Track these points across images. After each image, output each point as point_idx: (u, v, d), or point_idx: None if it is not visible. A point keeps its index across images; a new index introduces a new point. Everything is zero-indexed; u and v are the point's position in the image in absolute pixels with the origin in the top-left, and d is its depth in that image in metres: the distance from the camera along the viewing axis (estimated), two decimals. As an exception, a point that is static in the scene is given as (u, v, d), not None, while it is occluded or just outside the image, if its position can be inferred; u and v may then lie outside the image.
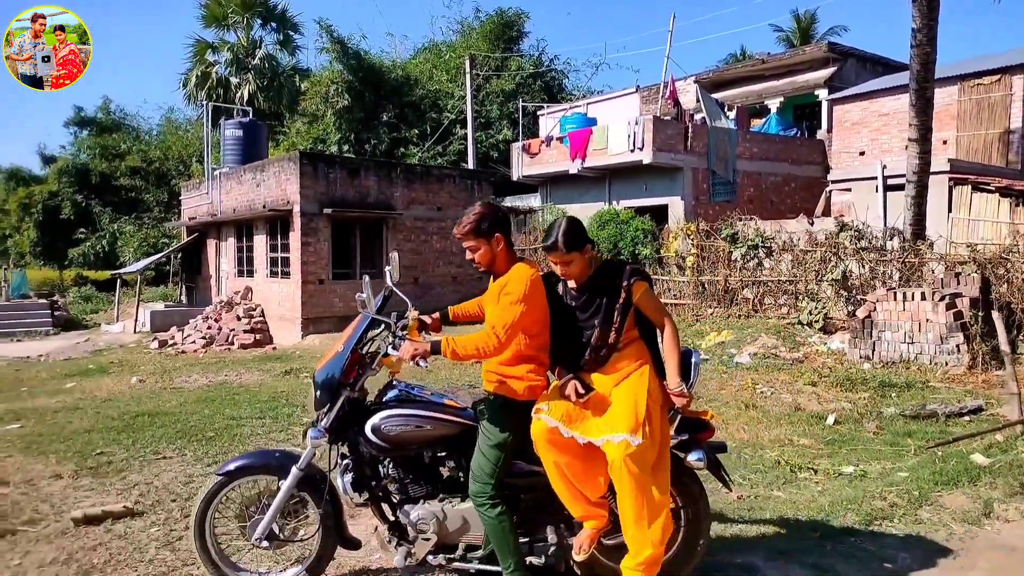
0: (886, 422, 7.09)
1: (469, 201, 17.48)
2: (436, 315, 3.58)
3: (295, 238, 15.28)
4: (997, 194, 12.57)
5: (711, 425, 3.41)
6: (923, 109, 10.73)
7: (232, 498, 3.54)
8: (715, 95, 21.66)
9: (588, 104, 23.46)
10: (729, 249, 13.66)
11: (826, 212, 16.91)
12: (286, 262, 15.87)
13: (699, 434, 3.36)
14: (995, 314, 7.12)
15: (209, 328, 15.89)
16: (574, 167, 19.04)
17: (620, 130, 17.93)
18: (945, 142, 16.05)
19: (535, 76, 30.77)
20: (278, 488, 3.45)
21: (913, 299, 10.31)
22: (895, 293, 10.53)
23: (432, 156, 26.98)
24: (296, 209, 15.15)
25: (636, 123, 17.51)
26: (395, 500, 3.42)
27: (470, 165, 22.80)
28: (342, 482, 3.40)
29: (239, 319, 16.22)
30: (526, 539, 3.35)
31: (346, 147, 27.63)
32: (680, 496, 3.36)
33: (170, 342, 15.78)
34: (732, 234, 13.61)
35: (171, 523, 4.56)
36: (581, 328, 3.28)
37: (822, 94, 20.66)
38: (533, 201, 22.21)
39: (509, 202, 21.42)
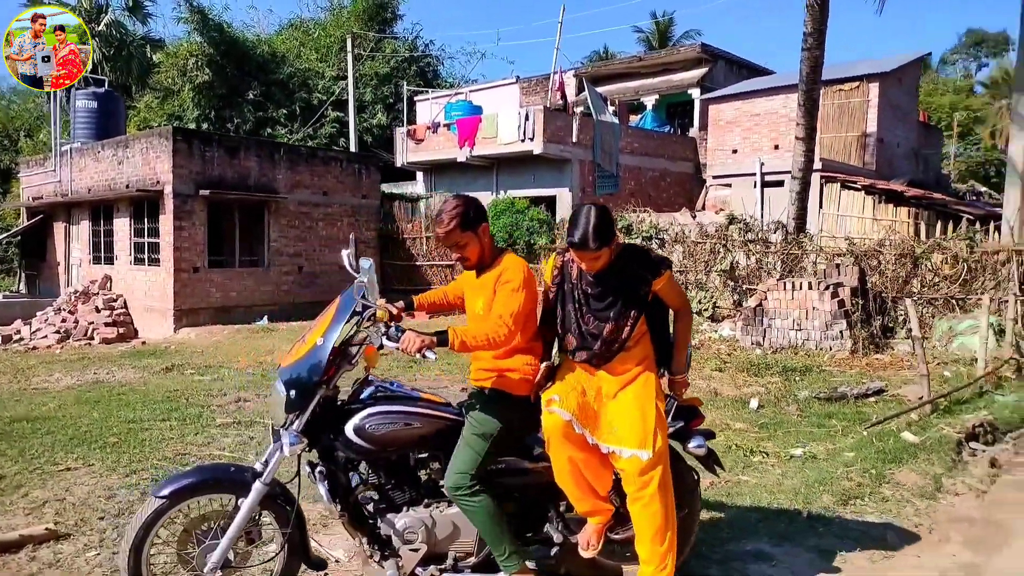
0: (803, 405, 7.49)
1: (357, 186, 16.79)
2: (401, 304, 3.31)
3: (166, 221, 13.94)
4: (863, 192, 13.73)
5: (702, 412, 3.38)
6: (810, 110, 11.48)
7: (175, 521, 3.01)
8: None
9: (470, 92, 23.27)
10: (624, 240, 14.02)
11: (709, 207, 17.79)
12: (154, 248, 14.46)
13: (693, 421, 3.32)
14: (908, 301, 7.71)
15: (63, 321, 14.18)
16: (463, 155, 18.81)
17: (510, 120, 17.90)
18: (808, 143, 17.32)
19: (410, 61, 30.11)
20: (234, 508, 3.00)
21: (801, 288, 11.04)
22: (784, 283, 11.22)
23: (303, 138, 25.70)
24: (168, 190, 13.81)
25: (527, 114, 17.55)
26: (376, 509, 3.10)
27: (352, 149, 21.92)
28: (321, 492, 3.03)
29: (98, 311, 14.60)
30: (526, 537, 3.21)
31: (205, 125, 25.68)
32: (678, 489, 3.22)
33: (15, 337, 13.94)
34: (627, 225, 13.97)
35: (109, 544, 3.93)
36: (593, 318, 3.06)
37: (695, 93, 21.74)
38: (412, 188, 21.73)
39: (387, 189, 20.80)
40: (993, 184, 29.24)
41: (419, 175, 22.01)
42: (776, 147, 17.59)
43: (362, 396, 3.09)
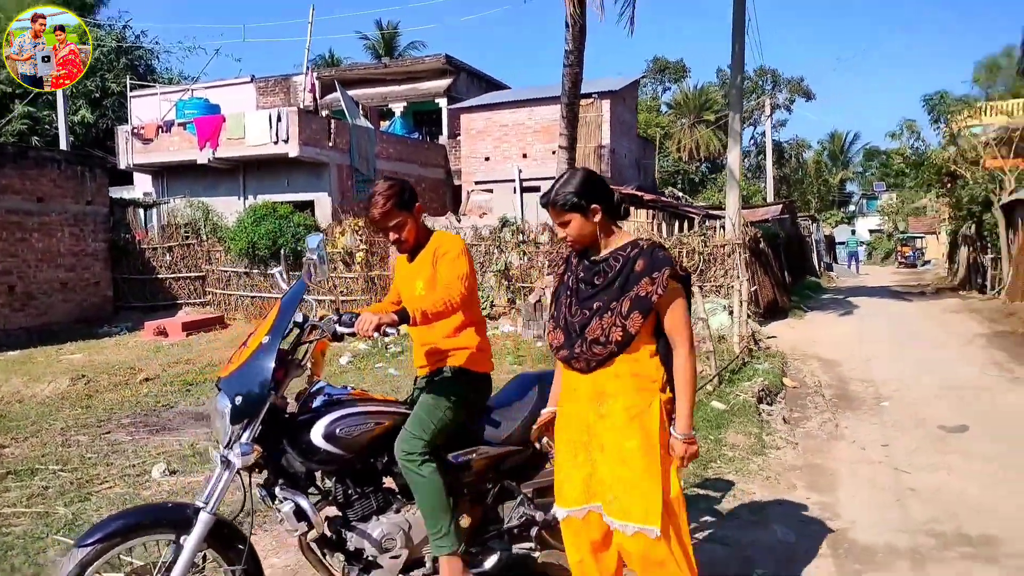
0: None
1: (80, 191, 14.50)
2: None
3: None
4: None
5: None
6: (572, 122, 12.43)
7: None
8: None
9: (203, 89, 21.35)
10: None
11: (472, 211, 18.35)
12: None
13: None
14: (695, 290, 8.68)
15: None
16: (204, 156, 17.18)
17: (259, 120, 16.78)
18: (554, 152, 18.74)
19: (118, 52, 26.73)
20: (177, 548, 2.55)
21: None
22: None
23: (-15, 136, 21.47)
24: None
25: (279, 115, 16.59)
26: (345, 523, 2.86)
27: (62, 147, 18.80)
28: (285, 512, 2.69)
29: None
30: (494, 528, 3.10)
31: None
32: None
33: None
34: (401, 230, 13.92)
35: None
36: (579, 309, 2.51)
37: (442, 102, 22.30)
38: (131, 193, 19.30)
39: (115, 194, 18.26)
40: (683, 190, 34.21)
41: (144, 178, 19.63)
42: (524, 155, 18.75)
43: (314, 405, 2.80)
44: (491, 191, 16.96)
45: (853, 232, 47.23)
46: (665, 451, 2.42)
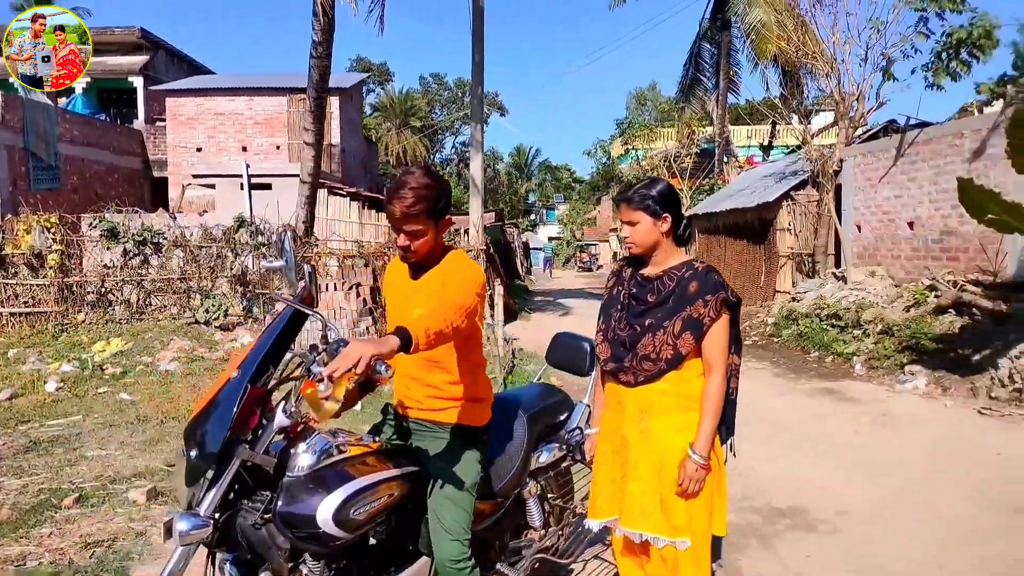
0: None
1: None
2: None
3: None
4: (348, 198, 14.75)
5: None
6: (319, 117, 11.79)
7: None
8: None
9: None
10: (107, 245, 11.92)
11: (189, 208, 16.33)
12: None
13: None
14: (499, 288, 8.72)
15: None
16: None
17: None
18: (279, 147, 17.62)
19: None
20: None
21: (327, 289, 11.37)
22: (311, 285, 11.37)
23: None
24: None
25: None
26: None
27: None
28: None
29: None
30: None
31: None
32: None
33: None
34: (110, 228, 11.90)
35: None
36: (628, 324, 2.52)
37: (137, 82, 19.60)
38: None
39: None
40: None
41: None
42: (244, 149, 17.34)
43: (311, 464, 2.19)
44: (213, 186, 15.33)
45: (550, 239, 51.97)
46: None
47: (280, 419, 2.12)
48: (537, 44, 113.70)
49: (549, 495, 3.17)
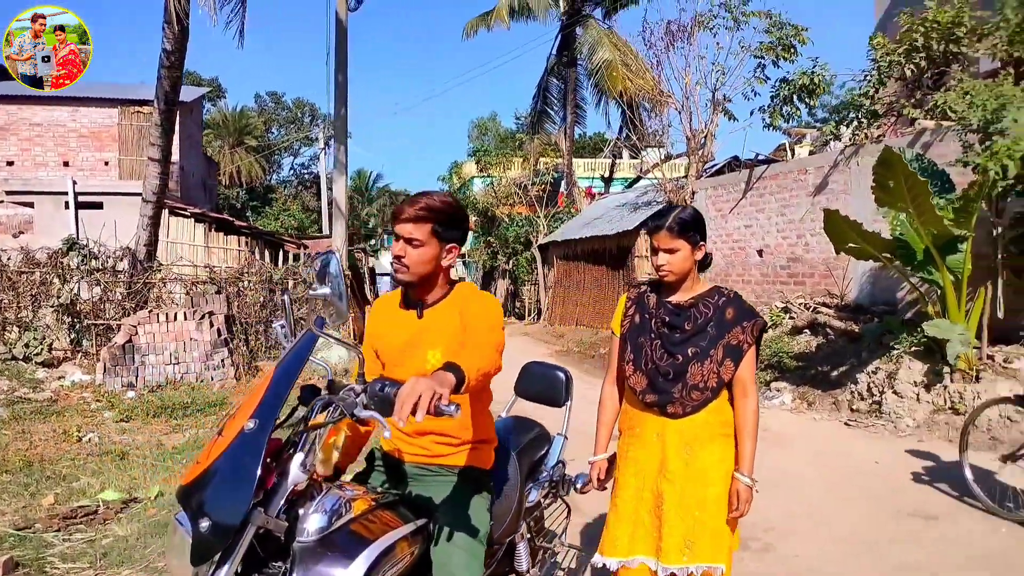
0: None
1: None
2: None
3: None
4: (193, 219, 13.60)
5: None
6: (168, 131, 10.78)
7: None
8: None
9: None
10: None
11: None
12: None
13: None
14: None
15: None
16: None
17: None
18: (107, 163, 15.96)
19: None
20: None
21: (176, 319, 10.34)
22: (158, 315, 10.30)
23: None
24: None
25: None
26: None
27: None
28: None
29: None
30: None
31: None
32: None
33: None
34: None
35: None
36: (667, 353, 2.44)
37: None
38: None
39: None
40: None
41: None
42: (66, 163, 15.57)
43: (320, 526, 1.81)
44: (31, 204, 13.50)
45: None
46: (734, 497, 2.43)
47: (296, 475, 1.76)
48: (385, 71, 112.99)
49: (531, 536, 2.96)
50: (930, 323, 6.64)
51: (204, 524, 1.58)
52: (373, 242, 66.93)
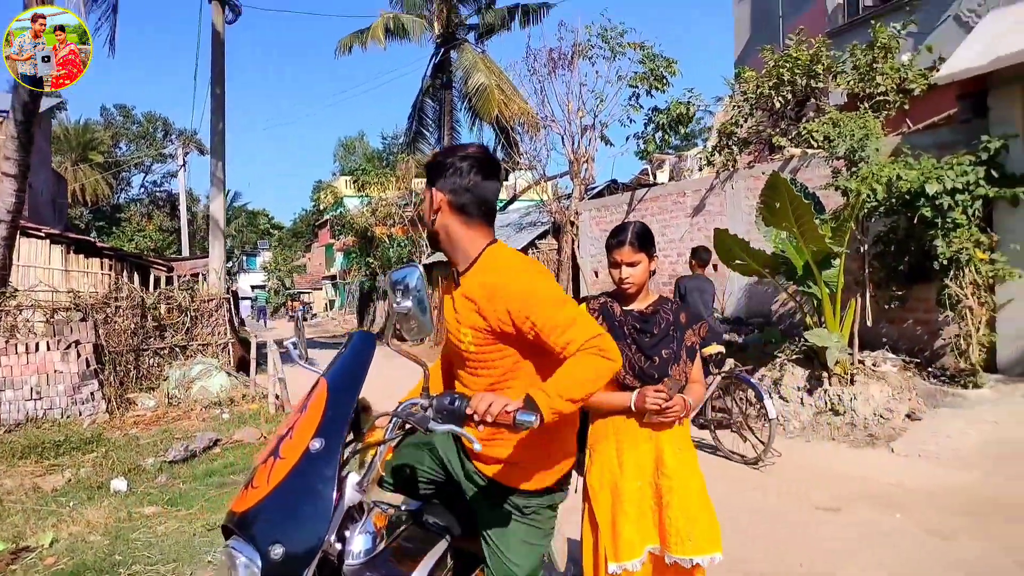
0: (169, 470, 6.82)
1: None
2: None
3: None
4: (48, 240, 12.45)
5: None
6: (26, 144, 9.81)
7: None
8: None
9: None
10: None
11: None
12: None
13: None
14: (271, 343, 7.81)
15: None
16: None
17: None
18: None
19: None
20: None
21: (38, 350, 9.41)
22: (16, 346, 9.32)
23: None
24: None
25: None
26: None
27: None
28: None
29: None
30: None
31: None
32: None
33: None
34: None
35: None
36: (645, 356, 2.61)
37: None
38: None
39: None
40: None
41: None
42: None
43: (366, 547, 1.77)
44: None
45: (253, 288, 48.80)
46: None
47: (352, 495, 1.72)
48: (252, 89, 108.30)
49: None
50: (811, 332, 7.27)
51: (277, 551, 1.50)
52: (230, 264, 63.95)
